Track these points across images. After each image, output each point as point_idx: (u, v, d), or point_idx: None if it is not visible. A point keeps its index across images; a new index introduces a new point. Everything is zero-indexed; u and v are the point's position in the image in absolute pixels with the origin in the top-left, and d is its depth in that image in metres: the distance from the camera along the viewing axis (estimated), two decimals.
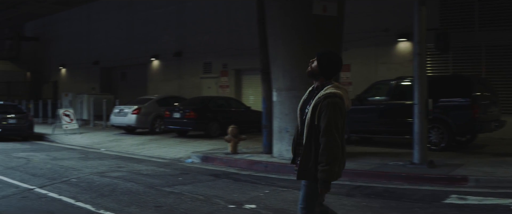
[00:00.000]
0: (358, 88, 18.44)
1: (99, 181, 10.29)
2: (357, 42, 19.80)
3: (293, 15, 12.67)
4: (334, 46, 12.86)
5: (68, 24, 39.03)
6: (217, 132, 19.69)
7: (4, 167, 12.19)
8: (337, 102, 4.37)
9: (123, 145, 18.00)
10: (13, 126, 20.47)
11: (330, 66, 4.57)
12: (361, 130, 15.92)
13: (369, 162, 12.04)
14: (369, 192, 9.15)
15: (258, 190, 9.39)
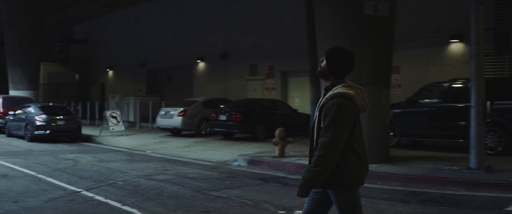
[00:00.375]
0: (408, 91, 17.97)
1: (145, 184, 10.14)
2: (406, 43, 19.26)
3: (344, 15, 12.35)
4: (385, 47, 12.51)
5: (115, 27, 39.45)
6: (263, 134, 19.45)
7: (52, 169, 12.19)
8: (343, 104, 3.98)
9: (169, 147, 17.92)
10: (61, 128, 20.64)
11: (340, 65, 4.18)
12: (411, 133, 15.46)
13: (421, 166, 11.60)
14: (424, 198, 8.76)
15: None
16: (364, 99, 4.15)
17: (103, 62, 40.77)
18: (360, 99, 4.10)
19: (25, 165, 12.83)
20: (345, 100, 3.99)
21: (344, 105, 3.96)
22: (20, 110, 22.41)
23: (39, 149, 17.33)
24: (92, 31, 42.92)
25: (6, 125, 23.36)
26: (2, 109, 25.27)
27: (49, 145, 18.99)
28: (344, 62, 4.17)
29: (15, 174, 11.25)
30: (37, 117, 20.34)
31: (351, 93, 4.03)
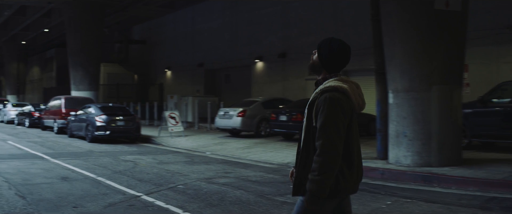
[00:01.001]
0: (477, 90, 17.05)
1: (206, 188, 9.77)
2: (475, 40, 18.29)
3: (412, 10, 11.71)
4: (457, 44, 11.81)
5: (173, 27, 39.55)
6: None
7: (112, 171, 11.98)
8: (337, 98, 3.45)
9: (229, 148, 17.58)
10: (121, 128, 20.61)
11: (332, 57, 3.64)
12: (484, 134, 14.60)
13: (499, 170, 10.82)
14: (508, 205, 8.10)
15: (379, 201, 8.52)
16: (360, 95, 3.62)
17: (161, 62, 40.96)
18: (355, 96, 3.56)
19: (86, 167, 12.69)
20: (338, 94, 3.47)
21: (337, 100, 3.44)
22: (81, 111, 22.54)
23: (99, 150, 17.28)
24: (150, 32, 43.20)
25: (68, 126, 23.54)
26: (64, 110, 25.54)
27: (109, 146, 18.95)
28: (337, 54, 3.63)
29: (76, 176, 11.07)
30: (97, 117, 20.37)
31: (344, 87, 3.50)
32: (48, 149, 17.37)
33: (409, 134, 11.61)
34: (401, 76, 11.83)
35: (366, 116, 20.47)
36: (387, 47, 12.41)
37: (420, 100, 11.57)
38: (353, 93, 3.54)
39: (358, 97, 3.58)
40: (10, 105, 38.83)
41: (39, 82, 62.43)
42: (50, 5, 35.10)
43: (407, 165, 11.59)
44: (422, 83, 11.48)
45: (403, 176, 10.87)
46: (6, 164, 12.99)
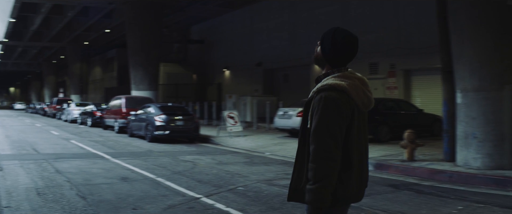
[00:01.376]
0: None
1: (267, 190, 9.53)
2: None
3: (482, 7, 11.18)
4: None
5: (231, 27, 39.56)
6: (387, 136, 18.41)
7: (171, 172, 11.89)
8: (333, 98, 3.10)
9: (288, 149, 17.30)
10: (180, 128, 20.62)
11: (335, 50, 3.30)
12: None
13: None
14: None
15: (449, 206, 8.09)
16: (364, 93, 3.25)
17: (219, 62, 41.05)
18: (359, 93, 3.20)
19: (145, 167, 12.65)
20: (335, 93, 3.13)
21: (333, 100, 3.10)
22: (141, 110, 22.69)
23: (159, 150, 17.29)
24: (209, 32, 43.36)
25: (128, 125, 23.76)
26: (125, 109, 25.81)
27: (168, 146, 18.97)
28: (340, 47, 3.29)
29: (135, 176, 11.02)
30: (156, 117, 20.44)
31: (343, 85, 3.16)
32: (109, 149, 17.51)
33: (479, 135, 11.09)
34: (470, 75, 11.31)
35: (430, 116, 19.89)
36: (455, 45, 11.89)
37: (492, 100, 11.03)
38: (356, 90, 3.19)
39: (363, 95, 3.23)
40: (74, 105, 39.70)
41: (100, 82, 63.70)
42: (111, 6, 35.66)
43: (477, 168, 11.06)
44: (494, 82, 10.95)
45: (474, 179, 10.36)
46: (69, 163, 13.11)
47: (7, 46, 67.36)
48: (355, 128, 3.20)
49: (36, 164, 12.70)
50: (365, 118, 3.33)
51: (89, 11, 40.95)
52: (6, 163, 12.98)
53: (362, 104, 3.22)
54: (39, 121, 40.92)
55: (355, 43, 3.32)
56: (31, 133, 25.55)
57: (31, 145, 18.29)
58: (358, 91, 3.19)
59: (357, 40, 3.34)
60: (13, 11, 39.93)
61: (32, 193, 8.77)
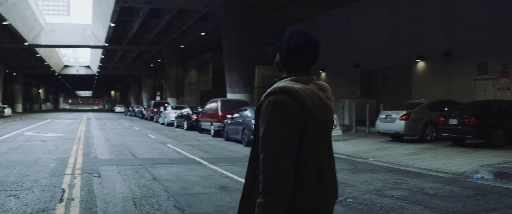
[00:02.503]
0: None
1: (379, 202, 8.62)
2: None
3: None
4: None
5: (327, 27, 38.59)
6: (502, 141, 16.96)
7: None
8: (282, 101, 2.74)
9: (393, 154, 16.25)
10: None
11: (290, 54, 2.94)
12: None
13: None
14: None
15: None
16: (321, 99, 2.85)
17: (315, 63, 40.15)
18: (313, 98, 2.82)
19: (244, 174, 12.02)
20: (285, 96, 2.77)
21: (282, 104, 2.74)
22: (237, 114, 22.24)
23: None
24: None
25: (224, 129, 23.38)
26: (221, 112, 25.48)
27: None
28: (295, 51, 2.92)
29: (234, 185, 10.40)
30: (254, 121, 19.84)
31: (294, 88, 2.79)
32: (206, 153, 17.07)
33: None
34: None
35: None
36: None
37: None
38: (310, 95, 2.81)
39: (318, 101, 2.84)
40: (170, 108, 40.03)
41: (196, 85, 64.35)
42: (206, 9, 35.61)
43: None
44: None
45: None
46: (166, 169, 12.69)
47: (108, 50, 69.37)
48: (312, 136, 2.84)
49: (133, 170, 12.37)
50: (328, 127, 2.97)
51: (185, 15, 41.19)
52: (104, 168, 12.74)
53: (318, 110, 2.85)
54: (137, 124, 41.59)
55: (311, 47, 2.95)
56: (130, 136, 25.72)
57: (129, 149, 18.18)
58: (312, 96, 2.83)
59: (315, 43, 2.96)
60: (113, 15, 40.77)
61: (128, 204, 8.30)
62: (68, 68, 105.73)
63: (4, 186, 9.80)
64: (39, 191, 9.34)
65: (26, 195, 8.91)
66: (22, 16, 46.55)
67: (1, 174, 11.42)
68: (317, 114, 2.85)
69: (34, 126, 36.69)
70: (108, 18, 43.70)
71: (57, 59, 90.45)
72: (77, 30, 59.90)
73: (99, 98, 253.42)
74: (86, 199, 8.65)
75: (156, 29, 45.73)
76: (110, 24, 44.55)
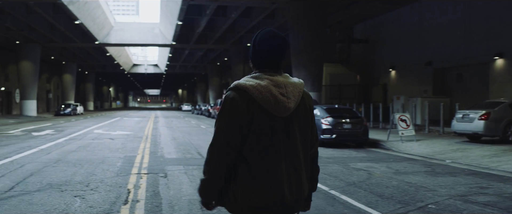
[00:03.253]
0: None
1: (465, 209, 7.86)
2: None
3: None
4: None
5: (397, 24, 37.41)
6: None
7: (345, 183, 10.52)
8: (231, 97, 2.98)
9: (471, 156, 15.27)
10: (348, 132, 19.22)
11: (254, 51, 3.14)
12: None
13: None
14: None
15: None
16: (273, 95, 2.96)
17: (384, 62, 39.05)
18: (264, 94, 2.95)
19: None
20: (235, 92, 3.00)
21: (231, 99, 2.99)
22: None
23: (326, 155, 16.03)
24: (373, 30, 41.47)
25: None
26: None
27: (335, 151, 17.67)
28: (257, 47, 3.11)
29: None
30: (323, 120, 19.24)
31: (245, 84, 2.99)
32: None
33: None
34: None
35: None
36: None
37: None
38: (262, 92, 2.96)
39: (269, 96, 2.96)
40: None
41: None
42: (273, 6, 35.09)
43: None
44: None
45: None
46: None
47: (176, 49, 69.92)
48: (265, 131, 3.00)
49: (200, 171, 11.88)
50: (291, 123, 3.06)
51: (252, 12, 40.83)
52: (171, 168, 12.38)
53: (269, 106, 2.97)
54: (204, 123, 41.53)
55: (272, 45, 3.09)
56: (196, 134, 25.49)
57: (195, 148, 17.86)
58: (264, 93, 2.97)
59: (278, 40, 3.10)
60: (180, 13, 40.83)
61: (195, 207, 7.85)
62: (137, 67, 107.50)
63: (70, 186, 9.57)
64: (105, 192, 9.03)
65: (91, 196, 8.61)
66: (93, 15, 47.33)
67: (69, 173, 11.23)
68: (270, 110, 2.95)
69: (103, 123, 37.14)
70: (175, 17, 43.83)
71: (126, 58, 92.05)
72: (145, 28, 60.61)
73: (167, 96, 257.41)
74: (152, 201, 8.27)
75: (222, 27, 45.57)
76: (177, 22, 44.69)
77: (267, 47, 3.07)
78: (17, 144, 18.85)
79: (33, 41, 52.44)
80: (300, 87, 3.10)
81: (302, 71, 31.50)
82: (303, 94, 3.14)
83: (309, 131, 3.19)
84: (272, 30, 3.13)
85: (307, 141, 3.16)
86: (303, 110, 3.13)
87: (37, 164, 12.74)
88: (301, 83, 3.13)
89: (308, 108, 3.17)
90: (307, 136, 3.16)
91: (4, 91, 58.12)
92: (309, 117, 3.17)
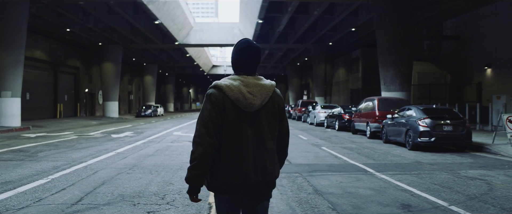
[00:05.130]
0: None
1: None
2: None
3: None
4: None
5: (493, 20, 34.69)
6: None
7: (464, 196, 8.80)
8: (209, 94, 3.62)
9: None
10: (448, 134, 17.32)
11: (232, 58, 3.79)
12: None
13: None
14: None
15: None
16: (242, 93, 3.58)
17: (479, 59, 36.36)
18: (235, 92, 3.58)
19: (424, 187, 9.74)
20: (213, 90, 3.63)
21: (209, 96, 3.62)
22: (398, 113, 19.89)
23: (428, 161, 14.28)
24: (465, 27, 38.79)
25: (383, 130, 21.10)
26: (378, 112, 23.18)
27: (436, 155, 15.87)
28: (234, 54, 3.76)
29: (419, 203, 8.15)
30: (420, 121, 17.46)
31: (221, 84, 3.63)
32: (367, 158, 14.90)
33: None
34: None
35: None
36: None
37: None
38: (234, 90, 3.56)
39: (239, 95, 3.56)
40: (319, 108, 38.12)
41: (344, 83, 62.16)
42: (358, 2, 33.28)
43: None
44: None
45: None
46: (327, 179, 10.69)
47: None
48: (235, 122, 3.58)
49: (290, 180, 10.50)
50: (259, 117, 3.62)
51: (335, 9, 39.07)
52: None
53: (239, 103, 3.57)
54: None
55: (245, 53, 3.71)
56: None
57: None
58: (235, 91, 3.57)
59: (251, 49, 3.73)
60: (261, 11, 39.67)
61: None
62: (216, 68, 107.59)
63: (144, 198, 8.34)
64: (182, 206, 7.74)
65: (166, 212, 7.34)
66: (172, 15, 46.92)
67: (144, 182, 10.06)
68: (240, 105, 3.57)
69: (183, 125, 36.44)
70: (255, 15, 42.73)
71: (205, 59, 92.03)
72: (224, 28, 59.93)
73: None
74: None
75: (304, 25, 43.98)
76: (257, 20, 43.56)
77: (242, 55, 3.70)
78: (95, 146, 18.06)
79: (115, 42, 52.64)
80: (269, 88, 3.67)
81: (390, 70, 29.64)
82: (273, 94, 3.72)
83: (277, 125, 3.73)
84: (248, 41, 3.76)
85: (275, 133, 3.72)
86: (272, 107, 3.68)
87: (111, 171, 11.68)
88: (271, 85, 3.70)
89: (277, 106, 3.71)
90: (274, 129, 3.71)
91: (88, 93, 58.86)
92: (277, 113, 3.71)
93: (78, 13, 38.97)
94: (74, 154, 15.45)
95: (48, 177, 10.62)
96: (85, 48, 56.43)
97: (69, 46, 52.31)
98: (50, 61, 47.60)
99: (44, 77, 47.20)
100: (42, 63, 46.07)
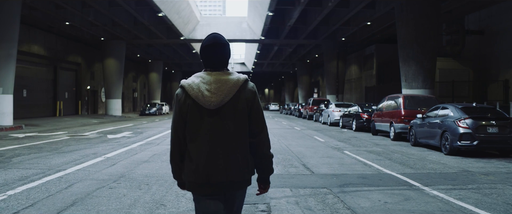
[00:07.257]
0: None
1: None
2: None
3: None
4: None
5: None
6: None
7: None
8: (176, 92, 3.51)
9: None
10: (493, 137, 14.84)
11: (200, 54, 3.59)
12: None
13: None
14: None
15: None
16: (201, 91, 3.37)
17: (505, 55, 33.80)
18: (195, 90, 3.39)
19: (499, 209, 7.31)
20: (179, 88, 3.52)
21: (176, 94, 3.53)
22: (431, 112, 17.46)
23: (477, 170, 11.85)
24: (490, 21, 36.21)
25: (411, 131, 18.67)
26: (404, 111, 20.72)
27: (482, 162, 13.46)
28: (201, 51, 3.57)
29: None
30: (459, 122, 15.00)
31: (184, 83, 3.47)
32: (403, 166, 12.43)
33: None
34: None
35: None
36: None
37: None
38: (193, 88, 3.40)
39: (198, 92, 3.38)
40: (333, 106, 35.65)
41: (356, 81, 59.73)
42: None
43: None
44: None
45: None
46: (366, 197, 8.17)
47: (264, 45, 66.72)
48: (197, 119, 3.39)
49: (317, 199, 8.00)
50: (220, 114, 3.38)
51: (350, 1, 36.57)
52: (274, 195, 8.37)
53: (198, 100, 3.38)
54: (297, 123, 37.77)
55: (208, 49, 3.49)
56: (293, 138, 21.66)
57: (298, 158, 13.99)
58: (195, 89, 3.39)
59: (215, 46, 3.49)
60: (271, 3, 37.27)
61: None
62: None
63: None
64: None
65: None
66: (177, 8, 44.51)
67: (128, 201, 7.63)
68: (200, 103, 3.37)
69: None
70: (265, 7, 40.33)
71: None
72: (232, 23, 57.49)
73: None
74: None
75: (316, 19, 41.45)
76: (268, 13, 41.14)
77: (208, 52, 3.50)
78: (83, 150, 15.66)
79: (118, 37, 50.06)
80: (233, 83, 3.38)
81: (411, 65, 27.23)
82: (241, 89, 3.41)
83: (246, 122, 3.43)
84: (214, 36, 3.53)
85: (243, 129, 3.42)
86: (238, 103, 3.40)
87: (90, 184, 9.24)
88: (237, 79, 3.41)
89: (244, 101, 3.41)
90: (242, 126, 3.42)
91: (90, 90, 56.66)
92: (245, 109, 3.42)
93: (77, 5, 36.60)
94: (55, 159, 13.06)
95: (6, 192, 8.26)
96: (87, 44, 54.19)
97: (69, 41, 50.12)
98: (49, 56, 45.43)
99: (43, 74, 45.04)
100: (41, 58, 43.91)
